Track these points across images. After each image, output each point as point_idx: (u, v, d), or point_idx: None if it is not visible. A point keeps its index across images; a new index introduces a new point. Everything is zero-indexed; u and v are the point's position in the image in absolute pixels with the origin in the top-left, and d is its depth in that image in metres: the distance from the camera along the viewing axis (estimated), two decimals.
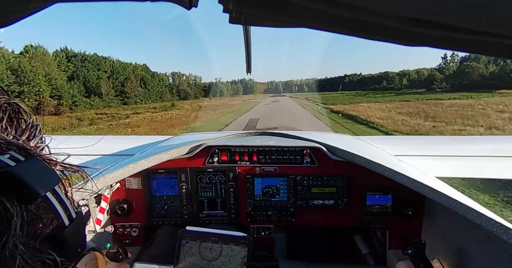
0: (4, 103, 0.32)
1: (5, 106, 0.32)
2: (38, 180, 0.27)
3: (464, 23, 0.27)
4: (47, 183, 0.28)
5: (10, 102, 0.32)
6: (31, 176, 0.26)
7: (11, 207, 0.24)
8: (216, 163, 1.58)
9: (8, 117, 0.31)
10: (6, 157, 0.26)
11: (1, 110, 0.31)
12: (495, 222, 0.84)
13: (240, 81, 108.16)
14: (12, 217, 0.24)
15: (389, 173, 1.21)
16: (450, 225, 1.26)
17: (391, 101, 35.82)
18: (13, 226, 0.24)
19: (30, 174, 0.26)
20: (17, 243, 0.24)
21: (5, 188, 0.24)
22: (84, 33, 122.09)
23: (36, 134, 0.34)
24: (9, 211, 0.24)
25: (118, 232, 1.58)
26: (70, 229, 0.30)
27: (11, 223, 0.24)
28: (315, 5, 0.30)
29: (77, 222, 0.31)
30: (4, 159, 0.26)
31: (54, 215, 0.29)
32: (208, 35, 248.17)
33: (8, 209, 0.24)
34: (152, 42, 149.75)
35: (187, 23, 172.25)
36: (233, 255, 0.91)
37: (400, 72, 74.62)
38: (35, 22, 75.17)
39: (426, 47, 0.36)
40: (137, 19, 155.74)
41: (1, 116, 0.31)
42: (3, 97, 0.32)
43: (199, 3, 0.37)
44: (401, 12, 0.27)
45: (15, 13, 0.35)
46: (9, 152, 0.27)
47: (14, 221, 0.24)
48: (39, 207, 0.27)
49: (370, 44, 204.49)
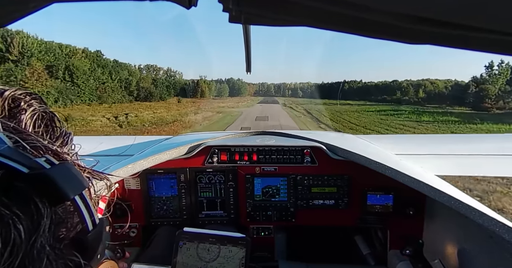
0: (42, 111, 0.35)
1: (42, 114, 0.35)
2: (69, 183, 0.28)
3: (465, 21, 0.26)
4: (77, 187, 0.30)
5: (47, 111, 0.36)
6: (63, 180, 0.28)
7: (43, 208, 0.25)
8: (215, 163, 1.57)
9: (44, 124, 0.35)
10: (42, 160, 0.28)
11: (39, 118, 0.34)
12: (497, 222, 0.84)
13: (226, 81, 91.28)
14: (42, 217, 0.25)
15: (390, 172, 1.20)
16: (452, 225, 1.25)
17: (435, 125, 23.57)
18: (42, 227, 0.25)
19: (62, 177, 0.28)
20: (45, 244, 0.25)
21: (39, 189, 0.26)
22: (82, 32, 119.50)
23: (68, 141, 0.37)
24: (40, 212, 0.25)
25: (116, 232, 1.57)
26: (93, 234, 0.31)
27: (41, 224, 0.25)
28: (315, 3, 0.30)
29: (99, 228, 0.33)
30: (41, 161, 0.28)
31: (80, 219, 0.30)
32: (206, 34, 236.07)
33: (40, 210, 0.25)
34: (151, 41, 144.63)
35: (186, 22, 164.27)
36: (231, 256, 0.90)
37: (411, 82, 56.74)
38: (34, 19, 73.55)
39: (427, 45, 0.36)
40: (136, 19, 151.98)
41: (39, 123, 0.34)
42: (41, 106, 0.35)
43: (199, 3, 0.37)
44: (402, 10, 0.27)
45: (15, 13, 0.36)
46: (45, 155, 0.29)
47: (44, 222, 0.25)
48: (66, 210, 0.29)
49: (370, 49, 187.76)
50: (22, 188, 0.25)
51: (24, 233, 0.23)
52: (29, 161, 0.27)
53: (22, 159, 0.26)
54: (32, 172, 0.26)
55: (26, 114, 0.33)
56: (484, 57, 63.02)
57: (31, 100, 0.35)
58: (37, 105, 0.35)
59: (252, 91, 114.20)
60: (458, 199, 0.96)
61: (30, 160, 0.27)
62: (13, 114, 0.32)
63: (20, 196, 0.24)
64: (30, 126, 0.33)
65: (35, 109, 0.34)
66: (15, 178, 0.25)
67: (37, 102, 0.36)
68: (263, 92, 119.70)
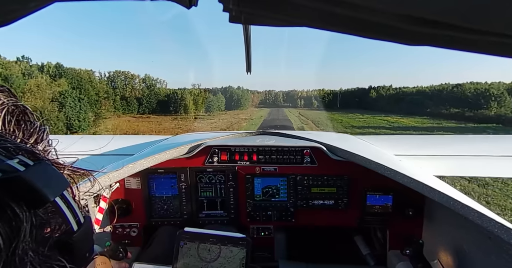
0: (11, 105, 0.31)
1: (12, 108, 0.31)
2: (47, 184, 0.26)
3: (465, 22, 0.27)
4: (56, 188, 0.28)
5: (17, 105, 0.32)
6: (40, 181, 0.26)
7: (21, 213, 0.24)
8: (215, 163, 1.57)
9: (15, 120, 0.31)
10: (15, 162, 0.26)
11: (9, 112, 0.31)
12: (496, 223, 0.84)
13: (223, 90, 70.60)
14: (21, 222, 0.24)
15: (390, 173, 1.20)
16: (451, 226, 1.26)
17: None
18: (23, 232, 0.24)
19: (39, 178, 0.26)
20: (27, 249, 0.24)
21: (14, 193, 0.24)
22: (81, 32, 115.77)
23: (43, 137, 0.33)
24: (19, 217, 0.24)
25: (117, 232, 1.57)
26: (79, 234, 0.30)
27: (21, 229, 0.24)
28: (315, 4, 0.30)
29: (85, 227, 0.31)
30: (13, 163, 0.25)
31: (62, 220, 0.28)
32: (205, 34, 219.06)
33: (18, 215, 0.24)
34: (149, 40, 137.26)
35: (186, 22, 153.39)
36: (232, 257, 0.90)
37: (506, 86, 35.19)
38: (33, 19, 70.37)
39: (427, 46, 0.36)
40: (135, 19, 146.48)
41: (9, 119, 0.31)
42: (11, 99, 0.32)
43: (199, 2, 0.37)
44: (402, 11, 0.27)
45: (15, 12, 0.35)
46: (17, 156, 0.27)
47: (24, 227, 0.24)
48: (47, 212, 0.27)
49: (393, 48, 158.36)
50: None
51: (3, 240, 0.22)
52: (2, 164, 0.25)
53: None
54: (4, 176, 0.24)
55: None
56: None
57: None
58: (5, 99, 0.31)
59: (256, 100, 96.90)
60: (457, 199, 0.96)
61: (1, 163, 0.25)
62: None
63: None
64: (0, 122, 0.30)
65: (3, 103, 0.31)
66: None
67: (5, 95, 0.32)
68: (271, 101, 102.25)
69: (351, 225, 1.60)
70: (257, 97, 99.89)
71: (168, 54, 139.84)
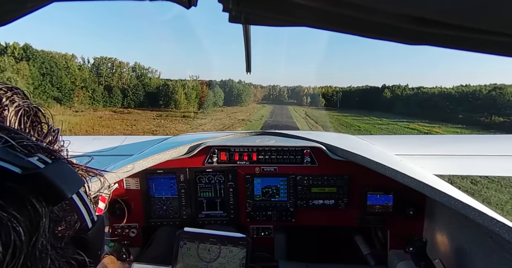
0: (26, 107, 0.32)
1: (27, 110, 0.32)
2: (65, 182, 0.27)
3: (465, 22, 0.26)
4: (73, 186, 0.29)
5: (31, 106, 0.33)
6: (59, 178, 0.27)
7: (40, 208, 0.25)
8: (215, 163, 1.57)
9: (30, 121, 0.33)
10: (35, 159, 0.27)
11: (24, 114, 0.32)
12: (497, 222, 0.84)
13: (222, 83, 62.44)
14: (41, 217, 0.25)
15: (390, 172, 1.20)
16: (452, 225, 1.26)
17: None
18: (42, 227, 0.25)
19: (58, 176, 0.27)
20: (46, 244, 0.25)
21: (35, 189, 0.25)
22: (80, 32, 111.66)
23: (57, 138, 0.35)
24: (38, 212, 0.25)
25: (116, 233, 1.57)
26: (93, 231, 0.31)
27: (40, 224, 0.25)
28: (316, 3, 0.30)
29: (99, 225, 0.32)
30: (34, 161, 0.26)
31: (78, 217, 0.29)
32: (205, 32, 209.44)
33: (38, 210, 0.25)
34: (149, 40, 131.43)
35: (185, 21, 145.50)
36: (232, 256, 0.90)
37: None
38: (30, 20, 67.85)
39: (426, 45, 0.36)
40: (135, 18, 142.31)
41: (25, 120, 0.32)
42: (25, 101, 0.33)
43: (199, 2, 0.37)
44: (402, 11, 0.27)
45: (13, 12, 0.35)
46: (37, 154, 0.28)
47: (43, 222, 0.25)
48: (63, 209, 0.28)
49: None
50: (17, 189, 0.24)
51: (24, 234, 0.23)
52: (21, 161, 0.26)
53: (14, 159, 0.25)
54: (26, 172, 0.25)
55: (10, 111, 0.31)
56: None
57: (13, 95, 0.33)
58: (21, 100, 0.33)
59: (259, 96, 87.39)
60: (458, 199, 0.96)
61: (22, 160, 0.26)
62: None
63: (16, 198, 0.24)
64: (16, 124, 0.31)
65: (18, 104, 0.32)
66: (8, 179, 0.24)
67: (20, 97, 0.33)
68: (274, 97, 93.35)
69: (351, 225, 1.60)
70: (260, 92, 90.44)
71: (165, 42, 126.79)
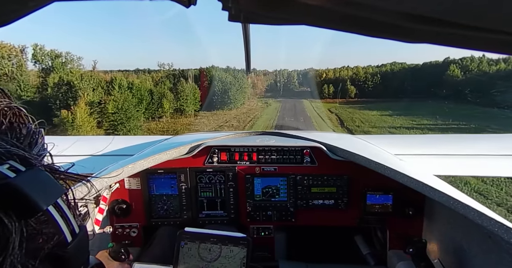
0: (4, 107, 0.30)
1: (5, 110, 0.30)
2: (40, 192, 0.25)
3: (463, 20, 0.27)
4: (49, 196, 0.26)
5: (11, 106, 0.30)
6: (32, 188, 0.24)
7: (9, 223, 0.22)
8: (215, 163, 1.57)
9: (8, 122, 0.29)
10: (5, 168, 0.24)
11: (1, 114, 0.29)
12: (496, 222, 0.84)
13: (199, 72, 40.25)
14: (10, 234, 0.22)
15: (390, 172, 1.20)
16: (451, 225, 1.26)
17: None
18: (11, 244, 0.22)
19: (31, 186, 0.24)
20: (15, 263, 0.22)
21: (3, 202, 0.22)
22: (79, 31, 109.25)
23: (38, 141, 0.32)
24: (7, 227, 0.22)
25: (117, 232, 1.57)
26: (73, 246, 0.28)
27: (9, 241, 0.22)
28: (315, 2, 0.30)
29: (80, 237, 0.29)
30: (3, 169, 0.24)
31: (55, 231, 0.26)
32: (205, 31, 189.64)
33: (6, 225, 0.22)
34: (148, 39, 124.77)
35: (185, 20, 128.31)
36: (232, 256, 0.90)
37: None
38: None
39: (426, 43, 0.36)
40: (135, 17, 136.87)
41: (1, 121, 0.29)
42: (4, 100, 0.30)
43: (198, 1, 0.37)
44: (402, 9, 0.27)
45: (14, 12, 0.35)
46: (8, 161, 0.25)
47: (12, 238, 0.22)
48: (40, 221, 0.25)
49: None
50: None
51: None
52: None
53: None
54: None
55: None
56: None
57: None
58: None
59: (262, 86, 64.88)
60: (457, 199, 0.96)
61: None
62: None
63: None
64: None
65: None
66: None
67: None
68: (282, 86, 68.50)
69: (351, 224, 1.60)
70: (262, 82, 67.28)
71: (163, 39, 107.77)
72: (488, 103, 24.35)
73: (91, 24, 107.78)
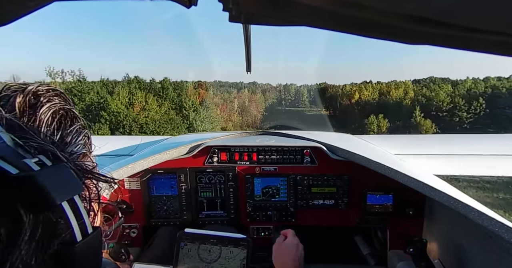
0: (59, 108, 0.33)
1: (59, 110, 0.33)
2: (57, 188, 0.25)
3: (464, 21, 0.26)
4: (66, 192, 0.26)
5: (65, 108, 0.34)
6: (51, 183, 0.25)
7: (25, 214, 0.23)
8: (215, 163, 1.57)
9: (58, 121, 0.33)
10: (32, 161, 0.25)
11: (55, 114, 0.33)
12: (496, 222, 0.84)
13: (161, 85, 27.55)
14: (23, 225, 0.23)
15: (390, 172, 1.20)
16: (452, 225, 1.26)
17: None
18: (23, 234, 0.23)
19: (51, 180, 0.25)
20: (23, 255, 0.23)
21: (21, 193, 0.23)
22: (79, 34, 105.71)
23: (76, 141, 0.34)
24: (21, 218, 0.23)
25: (117, 232, 1.57)
26: (82, 245, 0.27)
27: (21, 232, 0.23)
28: (316, 3, 0.30)
29: (92, 239, 0.28)
30: (30, 162, 0.25)
31: (66, 227, 0.26)
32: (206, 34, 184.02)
33: (21, 216, 0.23)
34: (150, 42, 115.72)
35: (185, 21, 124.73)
36: (232, 257, 0.90)
37: None
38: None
39: (425, 45, 0.36)
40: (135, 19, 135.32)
41: (52, 120, 0.32)
42: (61, 103, 0.34)
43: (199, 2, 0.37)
44: (402, 10, 0.27)
45: (15, 12, 0.35)
46: (38, 155, 0.26)
47: (25, 229, 0.23)
48: (53, 216, 0.26)
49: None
50: (4, 191, 0.22)
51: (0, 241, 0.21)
52: (18, 162, 0.24)
53: (15, 159, 0.24)
54: (18, 174, 0.23)
55: (42, 109, 0.31)
56: None
57: (53, 96, 0.34)
58: (57, 101, 0.34)
59: (261, 108, 50.21)
60: (458, 199, 0.96)
61: (18, 160, 0.24)
62: (33, 109, 0.31)
63: (1, 200, 0.22)
64: (44, 122, 0.31)
65: (51, 104, 0.33)
66: (1, 180, 0.23)
67: (59, 98, 0.34)
68: (288, 103, 51.66)
69: (351, 225, 1.60)
70: (260, 100, 51.11)
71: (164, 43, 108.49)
72: None
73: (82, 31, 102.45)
